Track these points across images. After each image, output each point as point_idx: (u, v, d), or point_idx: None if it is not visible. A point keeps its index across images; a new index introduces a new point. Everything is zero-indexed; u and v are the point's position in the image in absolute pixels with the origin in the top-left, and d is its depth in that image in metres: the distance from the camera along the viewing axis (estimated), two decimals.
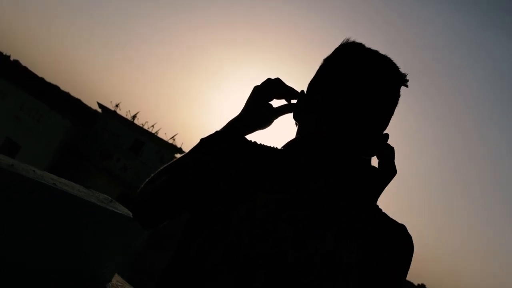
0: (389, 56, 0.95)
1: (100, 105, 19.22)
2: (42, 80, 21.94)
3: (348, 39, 0.97)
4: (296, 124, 1.03)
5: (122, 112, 18.84)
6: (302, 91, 1.01)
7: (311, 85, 1.00)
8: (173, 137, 19.18)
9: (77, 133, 17.39)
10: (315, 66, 1.08)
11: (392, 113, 0.97)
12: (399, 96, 0.95)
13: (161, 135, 19.04)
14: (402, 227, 0.92)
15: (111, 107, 18.65)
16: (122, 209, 2.05)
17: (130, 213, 2.05)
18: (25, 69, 21.95)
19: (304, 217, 0.87)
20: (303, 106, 0.99)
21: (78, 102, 21.43)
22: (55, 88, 21.82)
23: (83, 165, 17.18)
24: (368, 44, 1.00)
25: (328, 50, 1.10)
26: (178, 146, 19.23)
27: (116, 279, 2.10)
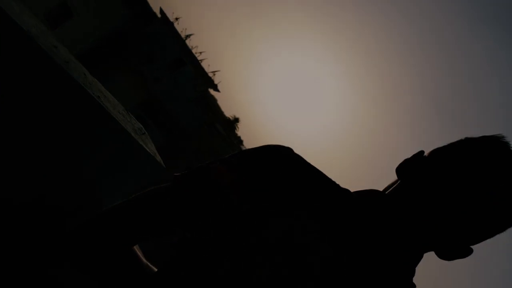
0: None
1: (161, 11, 19.04)
2: None
3: (503, 137, 0.85)
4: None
5: (178, 27, 18.68)
6: (422, 151, 0.91)
7: (440, 156, 0.89)
8: (214, 72, 19.06)
9: (130, 27, 17.30)
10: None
11: (492, 236, 0.88)
12: (505, 230, 0.89)
13: (204, 65, 18.91)
14: None
15: (171, 18, 18.49)
16: (151, 147, 1.94)
17: (157, 154, 1.94)
18: None
19: (344, 262, 0.80)
20: (418, 170, 0.89)
21: None
22: None
23: (122, 57, 17.17)
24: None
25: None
26: (216, 82, 19.13)
27: None
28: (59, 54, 1.49)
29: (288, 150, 0.91)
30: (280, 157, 0.89)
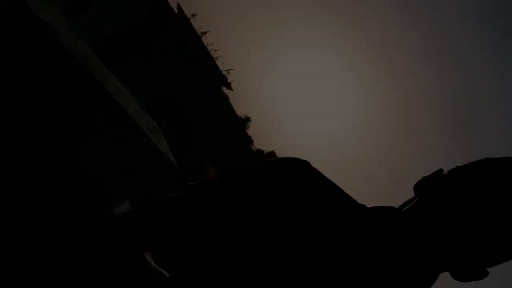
0: None
1: (178, 7, 19.05)
2: None
3: None
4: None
5: (194, 24, 18.70)
6: (441, 170, 0.89)
7: (460, 176, 0.87)
8: (228, 70, 19.06)
9: (146, 21, 17.34)
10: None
11: (509, 259, 0.85)
12: None
13: (218, 63, 18.92)
14: None
15: (188, 15, 18.51)
16: (164, 146, 1.93)
17: (170, 153, 1.93)
18: None
19: (358, 278, 0.80)
20: (437, 189, 0.86)
21: None
22: None
23: (136, 52, 17.23)
24: None
25: None
26: (229, 80, 19.14)
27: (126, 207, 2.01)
28: (78, 48, 1.48)
29: (305, 165, 0.89)
30: (297, 172, 0.88)
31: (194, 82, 18.08)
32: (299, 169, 0.88)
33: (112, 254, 0.91)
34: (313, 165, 0.91)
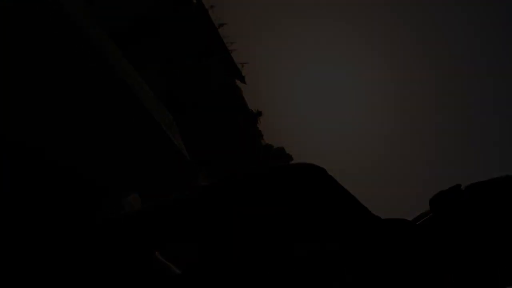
0: None
1: None
2: None
3: None
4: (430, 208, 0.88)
5: (212, 15, 18.70)
6: (459, 185, 0.87)
7: (479, 192, 0.85)
8: (243, 63, 19.06)
9: (162, 10, 17.36)
10: None
11: None
12: None
13: (233, 55, 18.94)
14: None
15: (207, 6, 18.52)
16: (178, 140, 1.90)
17: (183, 146, 1.91)
18: None
19: None
20: (454, 205, 0.84)
21: None
22: None
23: (151, 42, 17.27)
24: None
25: None
26: (243, 74, 19.16)
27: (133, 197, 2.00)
28: (95, 35, 1.45)
29: (321, 171, 0.87)
30: (312, 178, 0.85)
31: (208, 74, 18.13)
32: (314, 174, 0.86)
33: (103, 253, 0.89)
34: (327, 168, 0.90)
